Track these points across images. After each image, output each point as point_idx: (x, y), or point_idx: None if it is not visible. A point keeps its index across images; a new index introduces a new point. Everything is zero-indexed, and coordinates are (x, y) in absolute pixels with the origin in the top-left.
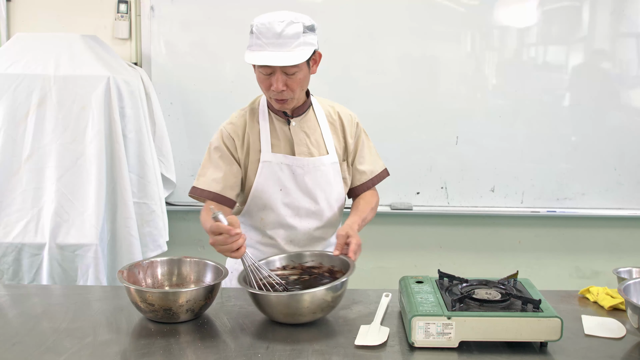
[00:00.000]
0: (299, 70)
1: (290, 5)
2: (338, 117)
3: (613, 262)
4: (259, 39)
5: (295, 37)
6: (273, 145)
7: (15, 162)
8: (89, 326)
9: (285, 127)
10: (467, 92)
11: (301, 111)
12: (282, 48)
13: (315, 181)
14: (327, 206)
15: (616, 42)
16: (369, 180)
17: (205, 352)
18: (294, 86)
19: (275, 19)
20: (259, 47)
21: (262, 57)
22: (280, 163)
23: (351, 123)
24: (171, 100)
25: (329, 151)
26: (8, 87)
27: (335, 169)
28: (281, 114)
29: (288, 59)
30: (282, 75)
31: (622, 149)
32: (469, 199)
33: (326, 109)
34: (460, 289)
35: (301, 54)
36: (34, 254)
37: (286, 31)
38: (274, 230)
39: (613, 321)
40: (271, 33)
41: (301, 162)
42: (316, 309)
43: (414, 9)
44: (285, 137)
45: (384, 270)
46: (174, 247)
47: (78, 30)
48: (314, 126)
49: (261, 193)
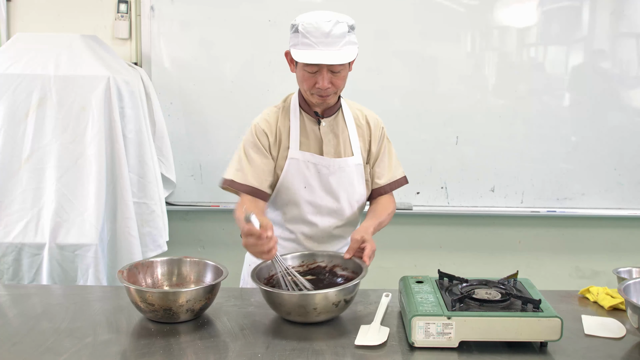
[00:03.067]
0: (343, 68)
1: (290, 5)
2: (366, 120)
3: (613, 262)
4: (306, 38)
5: (342, 37)
6: (302, 144)
7: (15, 162)
8: (89, 326)
9: (315, 126)
10: (467, 92)
11: (332, 112)
12: (330, 47)
13: (339, 181)
14: (348, 206)
15: (616, 42)
16: (386, 184)
17: (205, 352)
18: (338, 83)
19: (322, 19)
20: (307, 46)
21: (313, 55)
22: (307, 161)
23: (377, 127)
24: (171, 100)
25: (354, 153)
26: (8, 87)
27: (358, 171)
28: (312, 114)
29: (338, 57)
30: (328, 73)
31: (622, 149)
32: (469, 199)
33: (354, 112)
34: (460, 289)
35: (349, 52)
36: (34, 254)
37: (334, 31)
38: (295, 226)
39: (613, 321)
40: (319, 32)
41: (327, 162)
42: (328, 309)
43: (414, 9)
44: (315, 137)
45: (384, 270)
46: (174, 247)
47: (78, 30)
48: (342, 128)
49: (286, 189)
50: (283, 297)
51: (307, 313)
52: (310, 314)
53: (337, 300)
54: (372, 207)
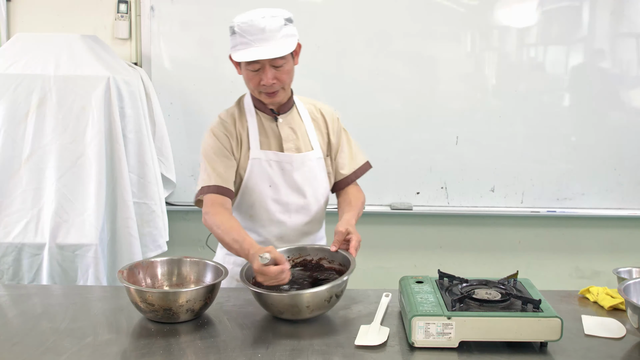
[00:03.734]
0: (286, 61)
1: (290, 5)
2: (320, 114)
3: (613, 262)
4: (243, 37)
5: (278, 30)
6: (262, 143)
7: (15, 162)
8: (89, 326)
9: (273, 123)
10: (467, 92)
11: (286, 108)
12: (268, 42)
13: (304, 176)
14: (314, 201)
15: (616, 42)
16: (351, 173)
17: (205, 352)
18: (283, 78)
19: (256, 16)
20: (245, 45)
21: (251, 53)
22: (270, 160)
23: (333, 119)
24: (171, 100)
25: (313, 147)
26: (8, 87)
27: (320, 164)
28: (268, 111)
29: (276, 50)
30: (271, 69)
31: (622, 149)
32: (469, 199)
33: (308, 107)
34: (460, 289)
35: (287, 44)
36: (34, 254)
37: (269, 26)
38: (264, 228)
39: (613, 321)
40: (255, 29)
41: (290, 158)
42: (318, 307)
43: (414, 9)
44: (274, 134)
45: (384, 270)
46: (174, 247)
47: (78, 30)
48: (299, 123)
49: (251, 190)
50: (273, 297)
51: (300, 311)
52: (303, 312)
53: (329, 296)
54: (344, 199)
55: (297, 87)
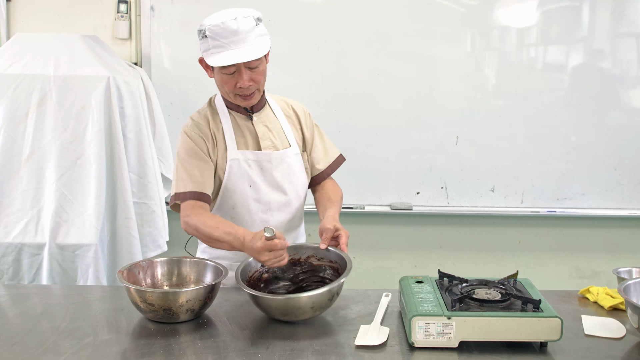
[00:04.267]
0: (260, 62)
1: (289, 5)
2: (293, 110)
3: (613, 262)
4: (216, 40)
5: (251, 31)
6: (238, 143)
7: (15, 162)
8: (89, 326)
9: (248, 122)
10: (467, 92)
11: (260, 106)
12: (242, 44)
13: (283, 174)
14: (295, 197)
15: (616, 42)
16: (327, 167)
17: (205, 352)
18: (258, 79)
19: (227, 18)
20: (220, 49)
21: (227, 57)
22: (248, 159)
23: (305, 114)
24: (171, 100)
25: (290, 143)
26: (8, 87)
27: (298, 160)
28: (242, 110)
29: (252, 53)
30: (247, 71)
31: (622, 149)
32: (469, 199)
33: (280, 104)
34: (460, 289)
35: (262, 45)
36: (34, 254)
37: (241, 27)
38: (247, 228)
39: (613, 321)
40: (227, 32)
41: (268, 157)
42: (315, 309)
43: (414, 9)
44: (250, 133)
45: (384, 270)
46: (174, 247)
47: (78, 30)
48: (273, 120)
49: (231, 192)
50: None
51: (305, 312)
52: (307, 313)
53: (331, 296)
54: (322, 195)
55: (296, 87)
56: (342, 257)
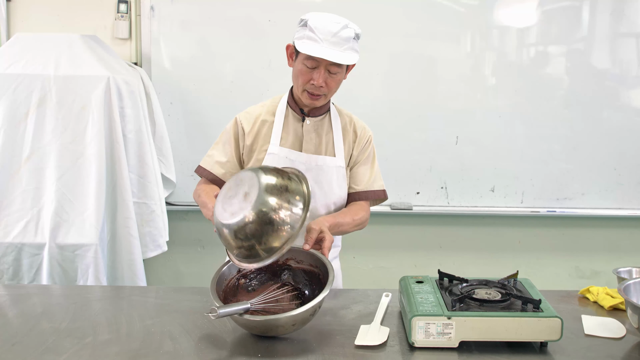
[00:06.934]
0: (341, 71)
1: (289, 5)
2: (353, 127)
3: (613, 262)
4: (313, 33)
5: (347, 41)
6: (282, 139)
7: (15, 162)
8: (89, 326)
9: (299, 124)
10: (467, 92)
11: (318, 113)
12: (335, 46)
13: (316, 179)
14: (323, 205)
15: (616, 42)
16: (362, 191)
17: (205, 352)
18: (332, 85)
19: (332, 20)
20: (312, 41)
21: (317, 49)
22: (285, 157)
23: (364, 136)
24: (171, 100)
25: (336, 154)
26: (8, 87)
27: (339, 173)
28: (298, 111)
29: (340, 57)
30: (325, 72)
31: (622, 149)
32: (469, 199)
33: (344, 118)
34: (460, 289)
35: (350, 56)
36: (34, 254)
37: (341, 33)
38: None
39: (613, 321)
40: (327, 30)
41: (304, 158)
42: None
43: (414, 8)
44: (296, 134)
45: (384, 270)
46: (174, 247)
47: (78, 30)
48: (327, 130)
49: None
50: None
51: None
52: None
53: (313, 311)
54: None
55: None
56: (322, 262)
